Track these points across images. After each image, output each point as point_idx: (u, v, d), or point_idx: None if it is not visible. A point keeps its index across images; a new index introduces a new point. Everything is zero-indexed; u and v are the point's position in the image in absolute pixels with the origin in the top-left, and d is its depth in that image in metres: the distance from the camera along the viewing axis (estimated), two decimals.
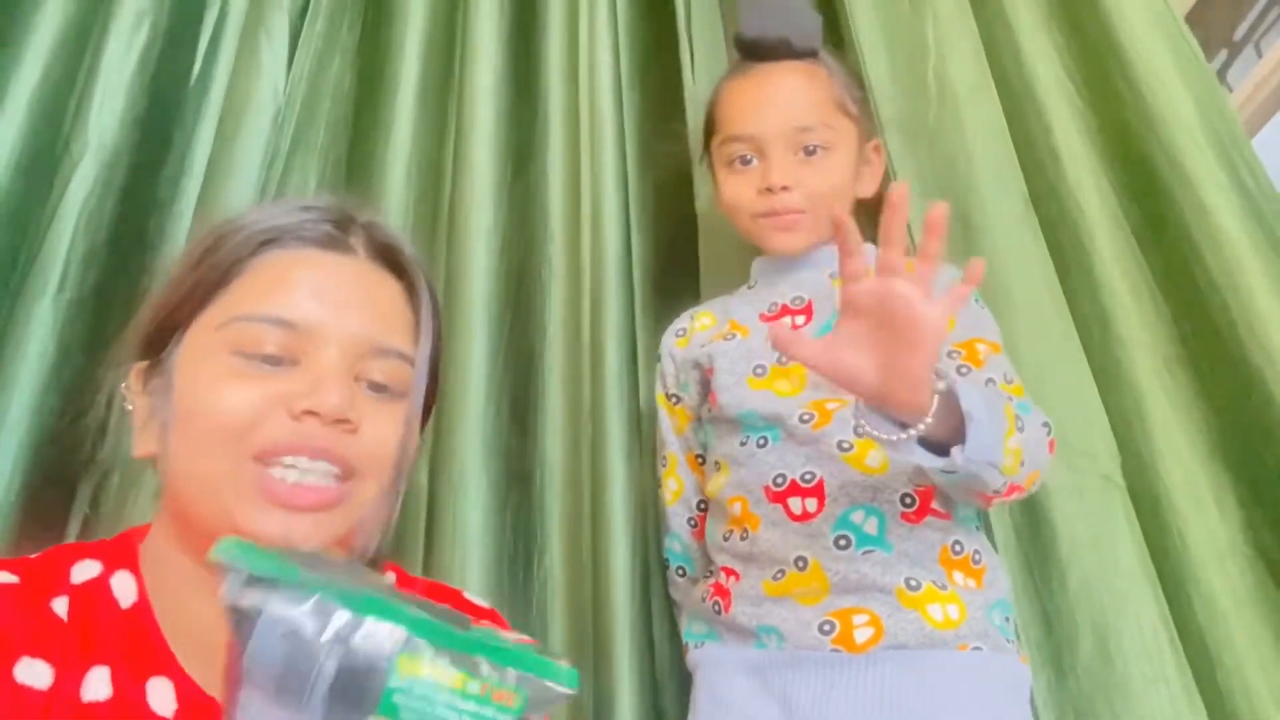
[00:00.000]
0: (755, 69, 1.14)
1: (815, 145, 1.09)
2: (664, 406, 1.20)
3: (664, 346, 1.21)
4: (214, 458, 0.66)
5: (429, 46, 1.40)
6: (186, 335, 0.71)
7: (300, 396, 0.67)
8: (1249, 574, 1.10)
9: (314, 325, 0.69)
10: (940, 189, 1.28)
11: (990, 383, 1.02)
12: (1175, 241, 1.17)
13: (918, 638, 0.95)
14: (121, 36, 1.28)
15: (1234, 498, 1.12)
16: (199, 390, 0.68)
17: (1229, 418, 1.14)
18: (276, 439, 0.66)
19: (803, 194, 1.09)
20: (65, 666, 0.64)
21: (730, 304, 1.18)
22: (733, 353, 1.11)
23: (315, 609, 0.45)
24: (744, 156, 1.12)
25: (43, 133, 1.18)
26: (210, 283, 0.71)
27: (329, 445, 0.67)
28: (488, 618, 0.84)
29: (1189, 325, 1.17)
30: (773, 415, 1.05)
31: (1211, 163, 1.16)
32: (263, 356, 0.68)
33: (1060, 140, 1.24)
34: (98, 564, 0.70)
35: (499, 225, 1.31)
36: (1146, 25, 1.22)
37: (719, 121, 1.15)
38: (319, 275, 0.72)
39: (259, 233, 0.72)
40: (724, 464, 1.09)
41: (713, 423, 1.12)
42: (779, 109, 1.10)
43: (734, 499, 1.06)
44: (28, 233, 1.16)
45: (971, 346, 1.06)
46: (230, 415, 0.66)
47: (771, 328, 0.93)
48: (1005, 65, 1.31)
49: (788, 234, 1.11)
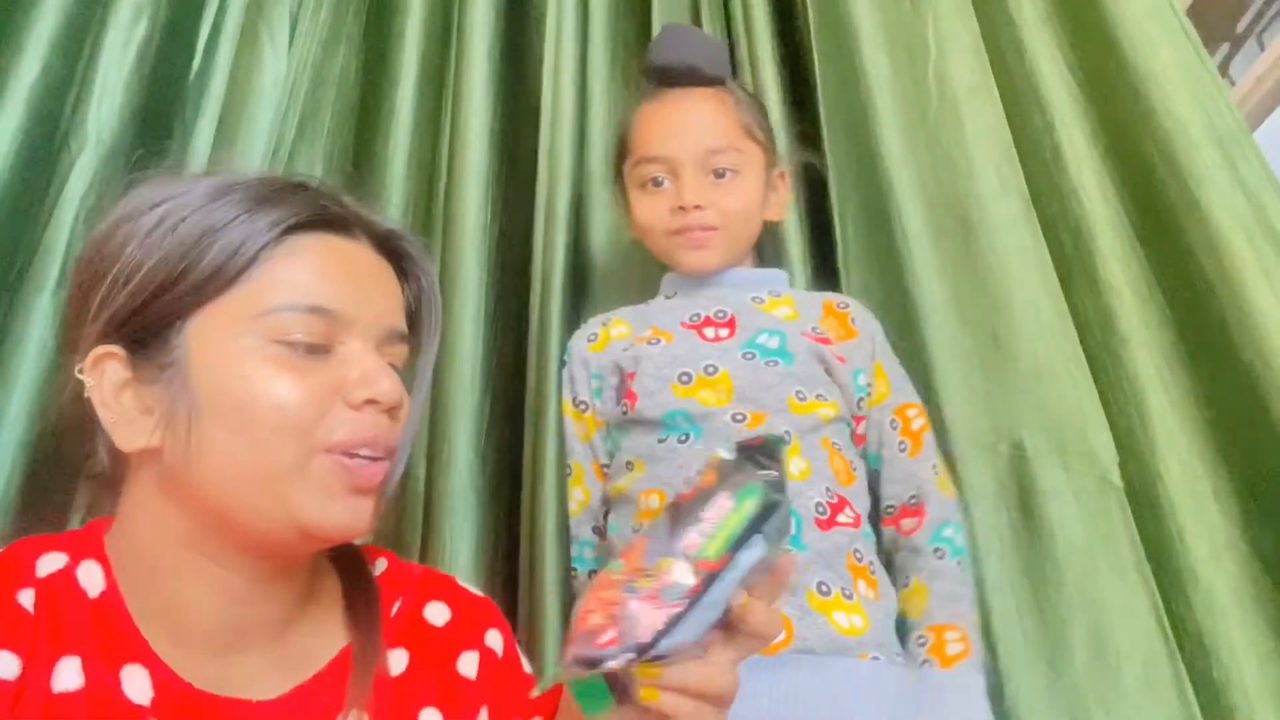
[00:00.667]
0: (667, 95, 1.19)
1: (725, 168, 1.15)
2: (570, 414, 1.21)
3: (572, 352, 1.22)
4: (279, 453, 0.66)
5: (428, 36, 1.40)
6: (192, 325, 0.68)
7: (355, 386, 0.69)
8: (1245, 572, 1.10)
9: (346, 312, 0.70)
10: (940, 188, 1.28)
11: (933, 468, 1.12)
12: (1175, 239, 1.17)
13: (825, 643, 0.99)
14: (120, 30, 1.28)
15: (1232, 496, 1.12)
16: (249, 384, 0.67)
17: (1227, 417, 1.14)
18: (347, 433, 0.68)
19: (715, 212, 1.14)
20: (33, 657, 0.64)
21: (647, 313, 1.21)
22: (657, 357, 1.13)
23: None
24: (656, 178, 1.16)
25: (42, 127, 1.18)
26: (227, 273, 0.68)
27: (386, 433, 0.71)
28: (481, 607, 0.84)
29: (1188, 323, 1.17)
30: (701, 415, 1.09)
31: (1211, 160, 1.15)
32: (305, 345, 0.68)
33: (1061, 137, 1.24)
34: (63, 555, 0.70)
35: (493, 219, 1.32)
36: (1148, 21, 1.21)
37: (632, 144, 1.20)
38: (343, 260, 0.73)
39: (277, 220, 0.70)
40: (638, 462, 1.11)
41: (627, 425, 1.14)
42: (691, 132, 1.16)
43: (650, 492, 1.08)
44: (27, 227, 1.16)
45: (905, 415, 1.14)
46: (295, 412, 0.67)
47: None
48: (1006, 62, 1.30)
49: (700, 251, 1.16)
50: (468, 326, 1.28)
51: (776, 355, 1.12)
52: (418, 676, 0.77)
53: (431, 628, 0.80)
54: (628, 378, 1.14)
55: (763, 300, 1.18)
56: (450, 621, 0.81)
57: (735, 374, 1.10)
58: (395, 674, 0.76)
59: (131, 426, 0.69)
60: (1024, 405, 1.17)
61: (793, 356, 1.12)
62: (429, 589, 0.83)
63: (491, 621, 0.84)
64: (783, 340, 1.13)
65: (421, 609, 0.81)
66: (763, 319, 1.15)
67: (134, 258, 0.69)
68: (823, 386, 1.12)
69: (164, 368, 0.68)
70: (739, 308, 1.16)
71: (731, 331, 1.14)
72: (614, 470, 1.15)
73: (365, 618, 0.77)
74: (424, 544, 1.20)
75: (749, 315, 1.16)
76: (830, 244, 1.34)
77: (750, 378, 1.10)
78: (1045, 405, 1.15)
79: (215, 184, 0.71)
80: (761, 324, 1.14)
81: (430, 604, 0.81)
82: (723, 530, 0.60)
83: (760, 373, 1.10)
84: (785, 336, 1.13)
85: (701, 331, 1.15)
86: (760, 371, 1.10)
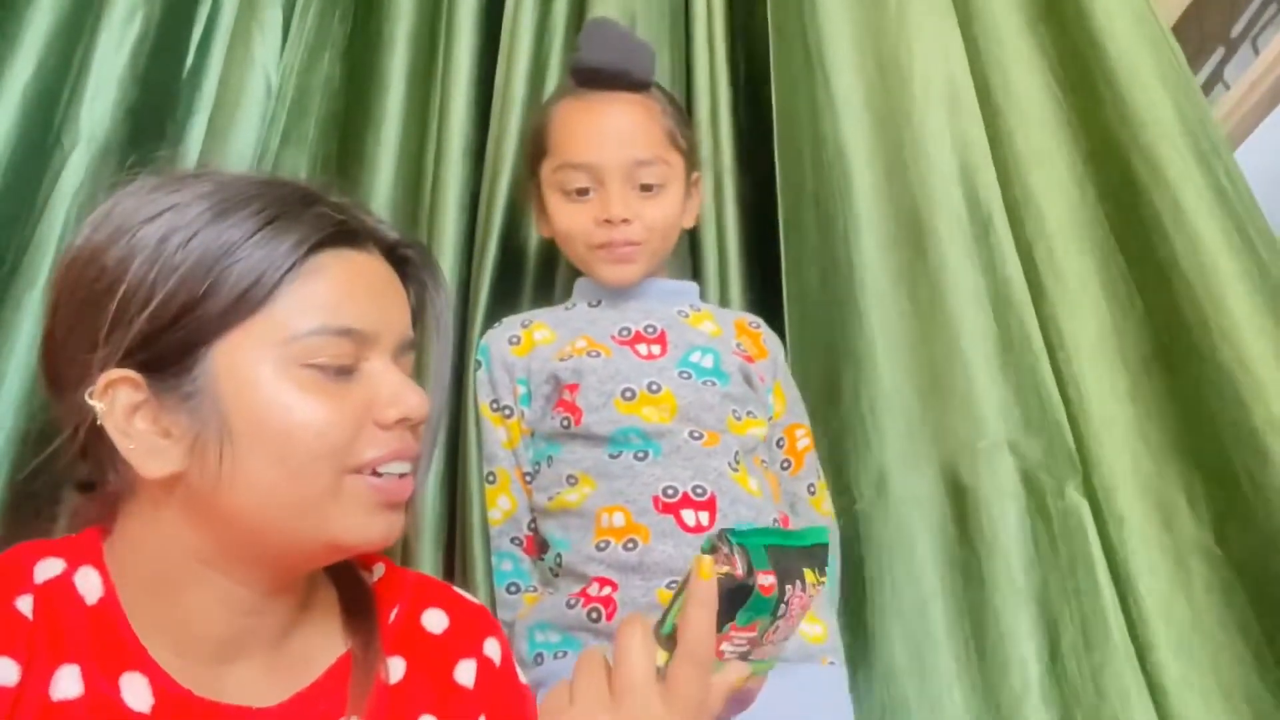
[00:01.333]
0: (591, 97, 1.14)
1: (651, 182, 1.12)
2: (490, 418, 1.16)
3: (491, 353, 1.17)
4: (316, 478, 0.67)
5: (415, 42, 1.39)
6: (219, 350, 0.66)
7: (385, 405, 0.69)
8: (1216, 576, 1.11)
9: (371, 330, 0.70)
10: (906, 195, 1.28)
11: (810, 488, 1.16)
12: (1155, 246, 1.18)
13: (796, 651, 1.02)
14: (114, 29, 1.29)
15: (1204, 499, 1.14)
16: (287, 414, 0.66)
17: (1201, 419, 1.15)
18: (379, 453, 0.69)
19: (640, 226, 1.12)
20: (32, 664, 0.64)
21: (570, 320, 1.18)
22: (600, 371, 1.10)
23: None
24: (581, 188, 1.12)
25: (35, 124, 1.19)
26: (254, 298, 0.66)
27: (412, 444, 0.72)
28: (479, 615, 0.84)
29: (1165, 328, 1.18)
30: (655, 432, 1.07)
31: (1189, 167, 1.17)
32: (336, 368, 0.68)
33: (1040, 144, 1.25)
34: (60, 562, 0.69)
35: (469, 229, 1.32)
36: (1129, 29, 1.22)
37: (553, 145, 1.15)
38: (364, 277, 0.72)
39: (300, 240, 0.68)
40: (584, 477, 1.08)
41: (564, 438, 1.10)
42: (619, 141, 1.12)
43: (612, 509, 1.05)
44: (18, 224, 1.17)
45: (793, 434, 1.18)
46: (335, 439, 0.67)
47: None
48: (987, 69, 1.31)
49: (623, 266, 1.14)
50: None
51: (712, 375, 1.12)
52: (415, 684, 0.77)
53: (429, 635, 0.80)
54: (567, 389, 1.11)
55: (686, 314, 1.18)
56: (448, 629, 0.81)
57: (678, 393, 1.09)
58: (393, 681, 0.76)
59: (154, 454, 0.67)
60: (986, 414, 1.17)
61: (728, 376, 1.12)
62: (426, 596, 0.82)
63: (489, 630, 0.84)
64: (716, 359, 1.13)
65: (419, 616, 0.81)
66: (692, 334, 1.15)
67: (146, 278, 0.66)
68: (752, 404, 1.13)
69: (188, 395, 0.66)
70: (668, 323, 1.15)
71: (664, 349, 1.13)
72: (547, 481, 1.11)
73: (363, 625, 0.77)
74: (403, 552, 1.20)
75: (678, 331, 1.15)
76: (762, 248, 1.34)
77: (692, 397, 1.09)
78: (1009, 414, 1.16)
79: (216, 195, 0.69)
80: (692, 340, 1.14)
81: (428, 611, 0.81)
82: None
83: (700, 392, 1.10)
84: (718, 355, 1.13)
85: (635, 348, 1.13)
86: (700, 391, 1.10)
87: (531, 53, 1.37)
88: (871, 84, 1.31)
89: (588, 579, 1.05)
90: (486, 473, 1.15)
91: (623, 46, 1.16)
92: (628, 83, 1.14)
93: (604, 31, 1.18)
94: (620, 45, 1.16)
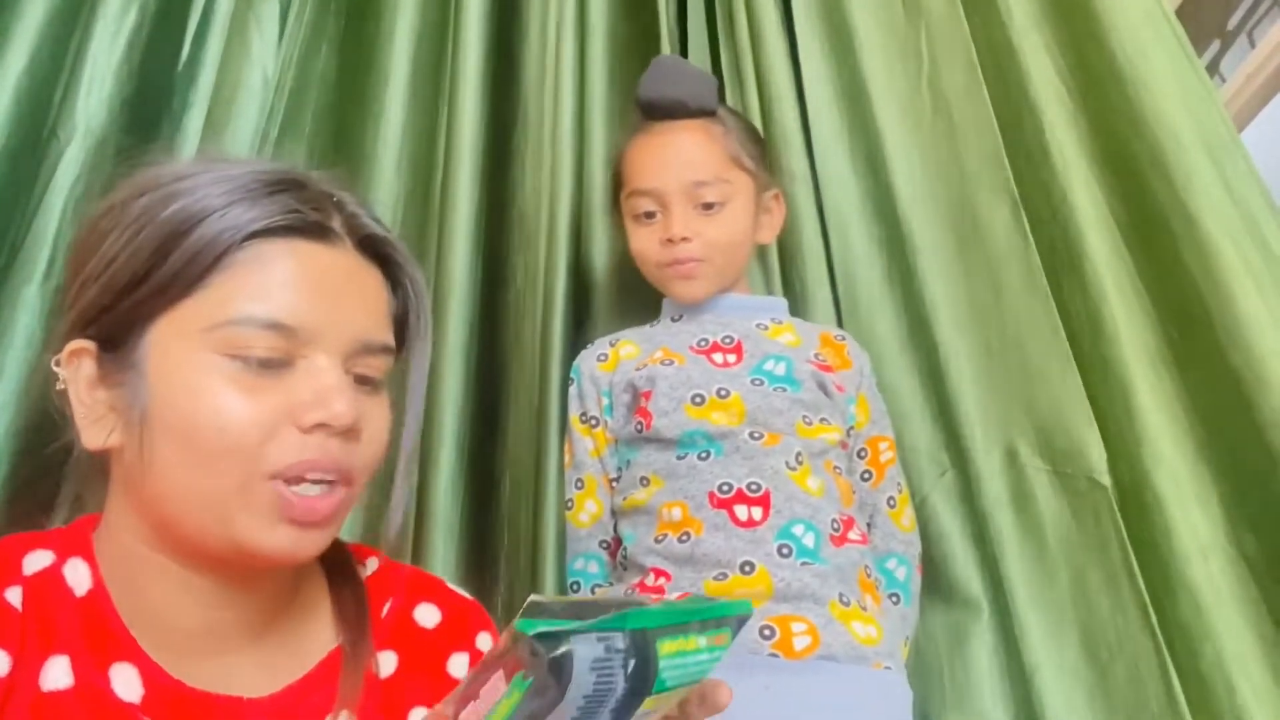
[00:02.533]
0: (658, 127, 1.23)
1: (711, 200, 1.18)
2: (579, 429, 1.23)
3: (581, 370, 1.25)
4: (222, 476, 0.64)
5: (420, 39, 1.39)
6: (156, 329, 0.66)
7: (307, 408, 0.65)
8: (1230, 571, 1.11)
9: (310, 327, 0.66)
10: (934, 193, 1.30)
11: (890, 501, 1.18)
12: (1164, 243, 1.18)
13: (846, 651, 1.04)
14: (109, 21, 1.27)
15: (1216, 497, 1.13)
16: (196, 402, 0.64)
17: (1212, 418, 1.15)
18: (292, 458, 0.65)
19: (701, 244, 1.18)
20: (22, 655, 0.64)
21: (654, 335, 1.25)
22: (672, 378, 1.17)
23: (605, 639, 0.54)
24: (648, 211, 1.20)
25: (30, 117, 1.18)
26: (188, 277, 0.65)
27: (340, 458, 0.67)
28: (471, 610, 0.84)
29: (1174, 326, 1.18)
30: (719, 434, 1.13)
31: (1201, 165, 1.16)
32: (259, 361, 0.65)
33: (1051, 140, 1.24)
34: (50, 553, 0.69)
35: (482, 223, 1.32)
36: (1140, 26, 1.22)
37: (625, 176, 1.24)
38: (311, 272, 0.68)
39: (244, 224, 0.66)
40: (654, 478, 1.15)
41: (640, 442, 1.17)
42: (678, 166, 1.19)
43: (672, 504, 1.12)
44: (14, 218, 1.16)
45: (876, 446, 1.21)
46: (239, 435, 0.64)
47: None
48: (999, 65, 1.31)
49: (689, 282, 1.20)
50: (456, 334, 1.27)
51: (784, 382, 1.16)
52: (408, 678, 0.77)
53: (422, 630, 0.80)
54: (643, 396, 1.17)
55: (766, 327, 1.23)
56: (441, 623, 0.81)
57: (746, 398, 1.14)
58: (384, 676, 0.76)
59: (97, 424, 0.67)
60: (1015, 408, 1.19)
61: (799, 383, 1.17)
62: (419, 590, 0.82)
63: (482, 624, 0.83)
64: (789, 367, 1.17)
65: (412, 610, 0.80)
66: (768, 345, 1.20)
67: (109, 251, 0.66)
68: (826, 411, 1.17)
69: (127, 369, 0.66)
70: (745, 334, 1.21)
71: (739, 358, 1.18)
72: (624, 484, 1.19)
73: (354, 619, 0.76)
74: (413, 558, 1.20)
75: (755, 341, 1.20)
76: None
77: (761, 402, 1.14)
78: (1035, 405, 1.17)
79: (200, 175, 0.68)
80: (767, 350, 1.19)
81: (420, 605, 0.81)
82: (495, 717, 0.55)
83: (770, 398, 1.14)
84: (791, 363, 1.18)
85: (710, 357, 1.19)
86: (770, 397, 1.14)
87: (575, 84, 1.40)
88: (893, 81, 1.33)
89: (645, 570, 1.12)
90: (575, 479, 1.22)
91: (679, 78, 1.24)
92: (687, 111, 1.22)
93: (662, 67, 1.26)
94: (677, 77, 1.24)
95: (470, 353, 1.29)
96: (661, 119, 1.23)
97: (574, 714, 0.54)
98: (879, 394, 1.25)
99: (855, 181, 1.36)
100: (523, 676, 0.53)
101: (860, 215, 1.35)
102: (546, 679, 0.53)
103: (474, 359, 1.29)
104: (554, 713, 0.53)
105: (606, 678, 0.54)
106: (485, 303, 1.33)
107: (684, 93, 1.22)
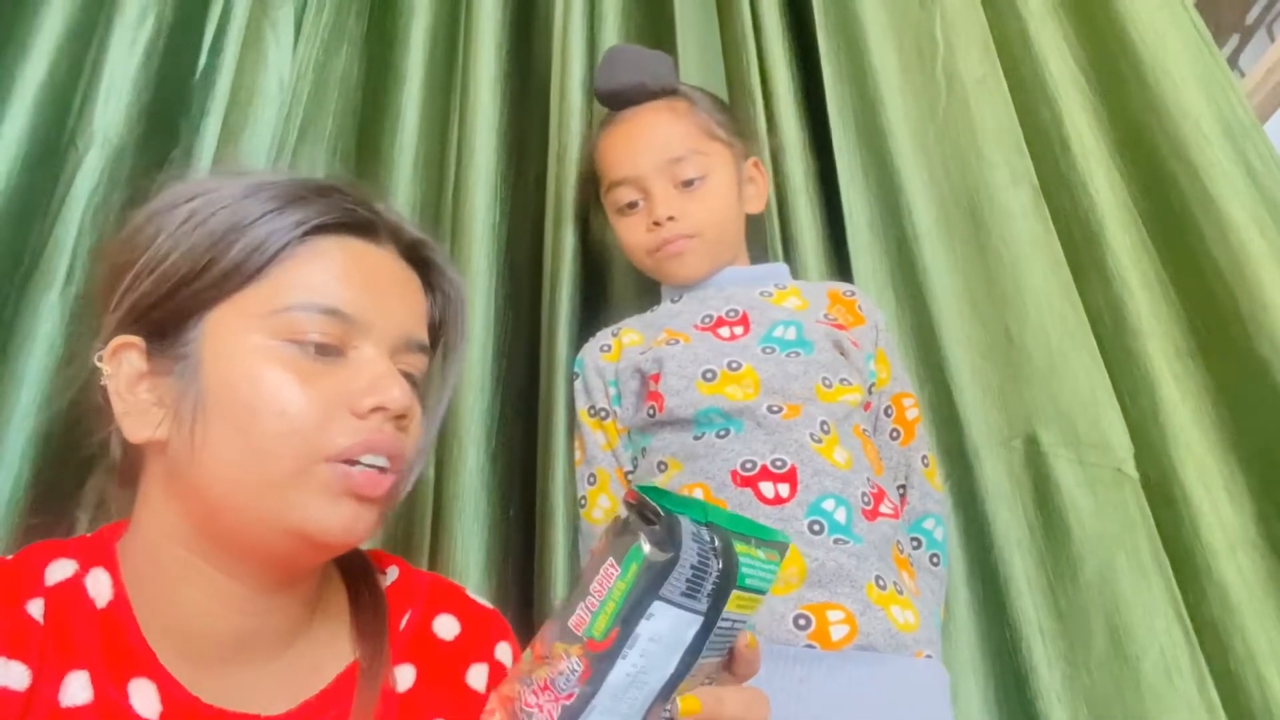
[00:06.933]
0: (623, 115, 1.21)
1: (691, 176, 1.16)
2: (589, 423, 1.19)
3: (585, 363, 1.21)
4: (280, 459, 0.65)
5: (433, 38, 1.39)
6: (211, 318, 0.68)
7: (363, 393, 0.68)
8: (1260, 565, 1.09)
9: (363, 318, 0.69)
10: (950, 182, 1.28)
11: (924, 459, 1.13)
12: (1185, 232, 1.16)
13: (885, 639, 0.98)
14: (126, 30, 1.28)
15: (1245, 489, 1.12)
16: (255, 385, 0.66)
17: (1239, 409, 1.13)
18: (349, 440, 0.66)
19: (689, 222, 1.15)
20: (43, 669, 0.64)
21: (655, 320, 1.21)
22: (679, 356, 1.12)
23: (703, 530, 0.59)
24: (631, 201, 1.18)
25: (48, 127, 1.19)
26: (249, 268, 0.68)
27: (393, 441, 0.69)
28: (491, 620, 0.83)
29: (1199, 316, 1.17)
30: (736, 410, 1.07)
31: (1221, 153, 1.15)
32: (316, 346, 0.67)
33: (1071, 131, 1.23)
34: (73, 563, 0.69)
35: (502, 219, 1.31)
36: (1156, 13, 1.21)
37: (601, 170, 1.22)
38: (365, 265, 0.72)
39: (303, 219, 0.70)
40: (673, 461, 1.09)
41: (654, 427, 1.13)
42: (650, 147, 1.17)
43: (691, 487, 1.06)
44: (34, 226, 1.16)
45: (900, 403, 1.17)
46: (298, 418, 0.65)
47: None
48: (1015, 55, 1.30)
49: (680, 259, 1.17)
50: (478, 328, 1.27)
51: (796, 346, 1.12)
52: (426, 691, 0.76)
53: (441, 642, 0.79)
54: (651, 379, 1.13)
55: (770, 294, 1.18)
56: (460, 635, 0.80)
57: (759, 368, 1.09)
58: (402, 690, 0.75)
59: (141, 417, 0.68)
60: (1037, 398, 1.17)
61: (811, 344, 1.12)
62: (438, 600, 0.82)
63: (501, 634, 0.83)
64: (799, 330, 1.13)
65: (430, 622, 0.80)
66: (775, 312, 1.15)
67: (162, 248, 0.69)
68: (845, 371, 1.12)
69: (178, 361, 0.68)
70: (749, 304, 1.17)
71: (746, 329, 1.14)
72: (642, 472, 1.14)
73: (372, 632, 0.76)
74: (434, 547, 1.20)
75: (761, 310, 1.16)
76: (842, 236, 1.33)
77: (775, 370, 1.09)
78: (1059, 398, 1.15)
79: (249, 182, 0.71)
80: (775, 317, 1.14)
81: (439, 617, 0.80)
82: (609, 603, 0.56)
83: (784, 364, 1.10)
84: (801, 326, 1.13)
85: (716, 332, 1.15)
86: (784, 364, 1.10)
87: (585, 66, 1.39)
88: (909, 68, 1.32)
89: None
90: (587, 475, 1.18)
91: (635, 62, 1.23)
92: (649, 93, 1.21)
93: (614, 55, 1.25)
94: (632, 62, 1.22)
95: (498, 346, 1.29)
96: (625, 106, 1.21)
97: (682, 588, 0.56)
98: (895, 350, 1.21)
99: (863, 170, 1.34)
100: (637, 549, 0.56)
101: (865, 198, 1.33)
102: (665, 540, 0.56)
103: (501, 352, 1.29)
104: (667, 582, 0.55)
105: (704, 556, 0.57)
106: (509, 296, 1.31)
107: (643, 75, 1.21)
